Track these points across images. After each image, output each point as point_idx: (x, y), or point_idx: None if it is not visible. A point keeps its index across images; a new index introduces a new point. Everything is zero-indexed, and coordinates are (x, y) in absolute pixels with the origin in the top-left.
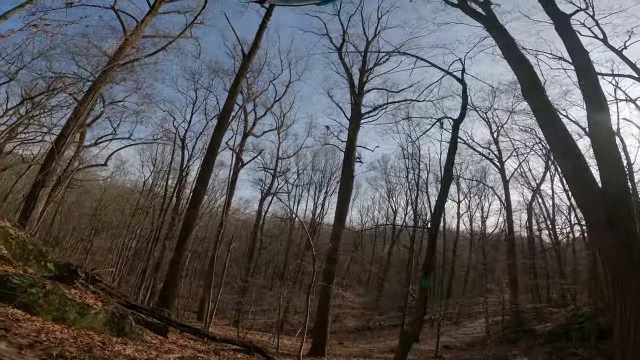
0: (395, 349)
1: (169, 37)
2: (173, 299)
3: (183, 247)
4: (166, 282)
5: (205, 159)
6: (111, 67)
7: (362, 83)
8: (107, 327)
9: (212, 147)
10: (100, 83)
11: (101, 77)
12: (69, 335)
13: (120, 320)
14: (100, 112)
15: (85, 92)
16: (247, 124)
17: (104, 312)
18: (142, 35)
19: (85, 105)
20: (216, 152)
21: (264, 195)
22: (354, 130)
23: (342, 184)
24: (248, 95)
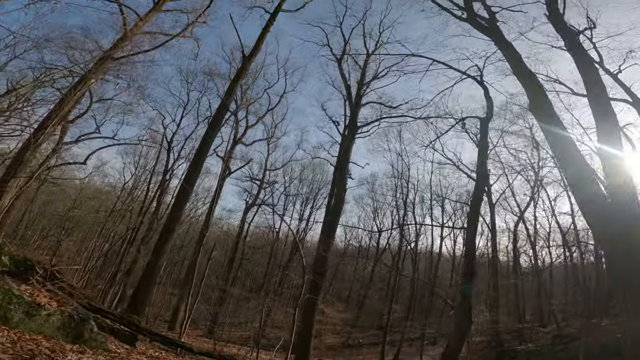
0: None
1: (168, 35)
2: (144, 306)
3: (162, 250)
4: (139, 286)
5: (196, 156)
6: (104, 60)
7: (360, 96)
8: (61, 332)
9: (205, 143)
10: (91, 75)
11: (92, 70)
12: (6, 339)
13: (79, 324)
14: (85, 109)
15: (73, 84)
16: (237, 131)
17: (58, 314)
18: (143, 32)
19: (71, 96)
20: (207, 150)
21: (248, 206)
22: (349, 142)
23: (335, 195)
24: (241, 102)
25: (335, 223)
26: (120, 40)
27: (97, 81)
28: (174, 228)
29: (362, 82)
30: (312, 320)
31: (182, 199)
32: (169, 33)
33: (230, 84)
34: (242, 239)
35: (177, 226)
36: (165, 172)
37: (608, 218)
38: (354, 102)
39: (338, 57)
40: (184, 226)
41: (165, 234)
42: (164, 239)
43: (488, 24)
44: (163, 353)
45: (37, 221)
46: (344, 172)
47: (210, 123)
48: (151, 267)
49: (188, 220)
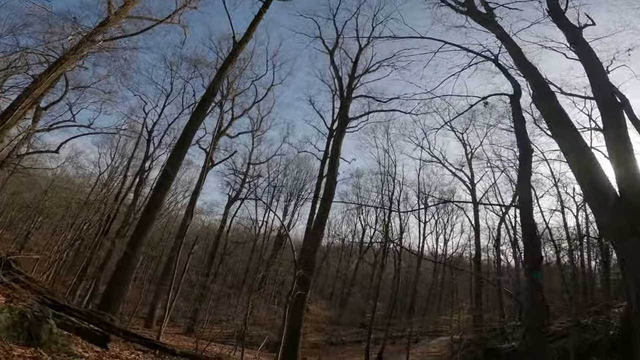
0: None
1: (155, 20)
2: (118, 303)
3: (140, 241)
4: (113, 281)
5: (181, 139)
6: (83, 43)
7: (351, 89)
8: (10, 333)
9: (190, 126)
10: (68, 57)
11: (69, 52)
12: None
13: (34, 323)
14: (60, 96)
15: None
16: (222, 123)
17: (6, 312)
18: (128, 16)
19: (45, 78)
20: (193, 134)
21: (231, 200)
22: (339, 134)
23: (325, 188)
24: (227, 93)
25: (325, 216)
26: (103, 23)
27: (74, 64)
28: (153, 216)
29: (353, 75)
30: (301, 317)
31: (164, 184)
32: (156, 18)
33: (220, 70)
34: (224, 233)
35: (157, 214)
36: (144, 162)
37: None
38: (345, 95)
39: (330, 49)
40: (163, 220)
41: (143, 223)
42: (143, 228)
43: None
44: (140, 355)
45: (5, 212)
46: (335, 163)
47: (197, 107)
48: (127, 260)
49: (167, 214)
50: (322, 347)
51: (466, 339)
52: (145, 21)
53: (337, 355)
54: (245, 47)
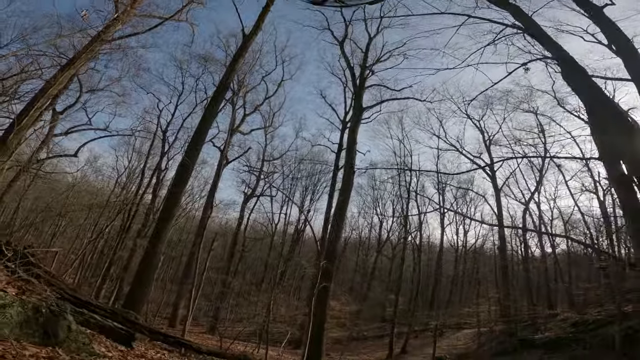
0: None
1: (162, 18)
2: (142, 303)
3: (160, 238)
4: (136, 280)
5: (196, 131)
6: (94, 42)
7: (364, 78)
8: (24, 330)
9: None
10: (80, 56)
11: (82, 51)
12: None
13: (50, 319)
14: (75, 100)
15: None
16: (234, 120)
17: (17, 306)
18: (136, 14)
19: (59, 77)
20: (209, 125)
21: (247, 197)
22: (355, 123)
23: (343, 179)
24: (238, 89)
25: (345, 206)
26: (112, 22)
27: (86, 64)
28: (173, 212)
29: (364, 65)
30: (325, 310)
31: (182, 178)
32: (163, 16)
33: (231, 63)
34: (242, 231)
35: (176, 210)
36: (160, 162)
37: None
38: (357, 84)
39: (340, 40)
40: (181, 220)
41: (163, 220)
42: (163, 224)
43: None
44: (166, 354)
45: (30, 217)
46: (352, 153)
47: (209, 101)
48: (148, 258)
49: (185, 214)
50: (344, 342)
51: (495, 330)
52: (153, 20)
53: (359, 350)
54: (254, 40)
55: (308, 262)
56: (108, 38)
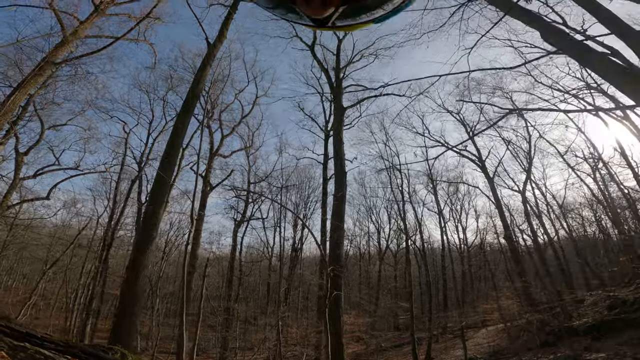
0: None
1: (112, 37)
2: (132, 336)
3: (140, 262)
4: (120, 310)
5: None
6: (43, 65)
7: (339, 79)
8: None
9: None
10: (29, 79)
11: (30, 74)
12: None
13: None
14: (38, 139)
15: (9, 94)
16: (213, 143)
17: None
18: (85, 35)
19: (7, 105)
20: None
21: (237, 223)
22: (338, 124)
23: (336, 182)
24: (212, 108)
25: (342, 209)
26: (60, 45)
27: (39, 91)
28: (150, 232)
29: (338, 67)
30: (340, 323)
31: (157, 193)
32: (115, 36)
33: (198, 71)
34: (237, 257)
35: (154, 231)
36: (139, 194)
37: None
38: (335, 86)
39: (310, 44)
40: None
41: (140, 242)
42: (140, 247)
43: None
44: None
45: (17, 268)
46: (340, 154)
47: (180, 110)
48: (130, 284)
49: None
50: (363, 356)
51: (524, 323)
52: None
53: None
54: (220, 47)
55: (312, 275)
56: (57, 60)
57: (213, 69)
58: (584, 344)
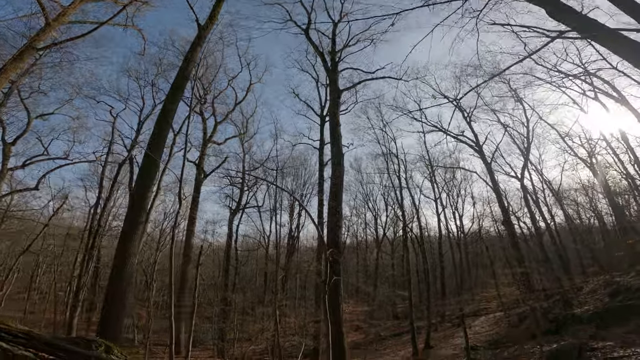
0: (411, 357)
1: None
2: (119, 325)
3: (127, 248)
4: (107, 299)
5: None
6: (24, 51)
7: (335, 63)
8: None
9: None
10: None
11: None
12: None
13: None
14: (25, 128)
15: None
16: (206, 130)
17: None
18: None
19: None
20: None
21: (233, 211)
22: (335, 107)
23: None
24: (205, 94)
25: (340, 189)
26: (42, 30)
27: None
28: (138, 215)
29: (334, 51)
30: (340, 311)
31: (146, 173)
32: (101, 21)
33: (188, 52)
34: (232, 246)
35: (143, 213)
36: (130, 182)
37: None
38: (330, 69)
39: (304, 28)
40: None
41: (128, 225)
42: (127, 232)
43: None
44: None
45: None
46: (337, 135)
47: (170, 90)
48: (117, 272)
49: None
50: (362, 346)
51: (524, 311)
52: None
53: (381, 352)
54: (211, 29)
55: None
56: (39, 45)
57: (204, 52)
58: (589, 332)
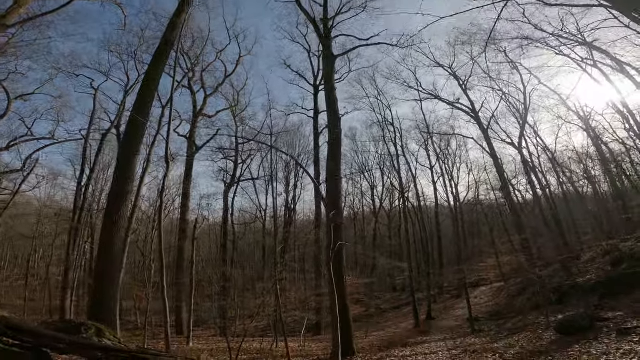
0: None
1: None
2: (112, 308)
3: (115, 219)
4: (97, 279)
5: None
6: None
7: (328, 29)
8: None
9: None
10: None
11: None
12: None
13: None
14: (5, 110)
15: None
16: (195, 102)
17: None
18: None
19: None
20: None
21: (228, 185)
22: (329, 72)
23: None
24: (193, 66)
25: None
26: (12, 8)
27: None
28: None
29: (326, 17)
30: (343, 281)
31: (131, 138)
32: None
33: (172, 17)
34: (229, 220)
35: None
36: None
37: None
38: (324, 35)
39: None
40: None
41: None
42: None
43: None
44: None
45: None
46: (332, 99)
47: (154, 56)
48: (106, 248)
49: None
50: (363, 319)
51: (523, 281)
52: None
53: (382, 324)
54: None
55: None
56: (9, 23)
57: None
58: (593, 301)
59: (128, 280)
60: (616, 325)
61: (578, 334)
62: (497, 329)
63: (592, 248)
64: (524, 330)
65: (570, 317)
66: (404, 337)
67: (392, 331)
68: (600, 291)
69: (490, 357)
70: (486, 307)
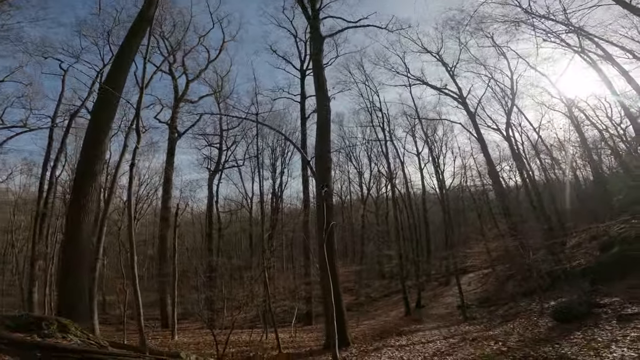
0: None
1: None
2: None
3: (82, 202)
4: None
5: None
6: None
7: (316, 10)
8: None
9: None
10: None
11: None
12: None
13: None
14: None
15: None
16: (177, 87)
17: None
18: None
19: None
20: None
21: (212, 173)
22: (317, 52)
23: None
24: (174, 50)
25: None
26: None
27: None
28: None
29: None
30: (336, 276)
31: (102, 112)
32: None
33: None
34: (214, 209)
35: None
36: None
37: None
38: (311, 16)
39: None
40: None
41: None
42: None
43: None
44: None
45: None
46: (321, 80)
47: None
48: (71, 236)
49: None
50: (353, 307)
51: (511, 268)
52: None
53: (372, 313)
54: None
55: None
56: None
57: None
58: (585, 287)
59: (112, 274)
60: (615, 311)
61: (576, 321)
62: (489, 316)
63: (577, 234)
64: (517, 317)
65: (566, 304)
66: (397, 325)
67: (383, 320)
68: (590, 276)
69: (493, 345)
70: (474, 294)
